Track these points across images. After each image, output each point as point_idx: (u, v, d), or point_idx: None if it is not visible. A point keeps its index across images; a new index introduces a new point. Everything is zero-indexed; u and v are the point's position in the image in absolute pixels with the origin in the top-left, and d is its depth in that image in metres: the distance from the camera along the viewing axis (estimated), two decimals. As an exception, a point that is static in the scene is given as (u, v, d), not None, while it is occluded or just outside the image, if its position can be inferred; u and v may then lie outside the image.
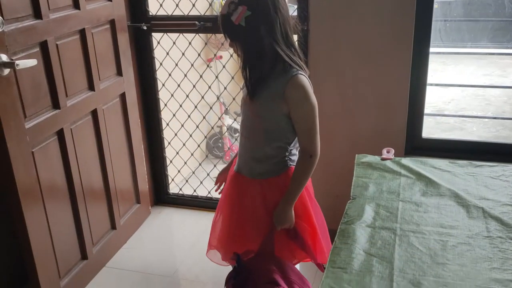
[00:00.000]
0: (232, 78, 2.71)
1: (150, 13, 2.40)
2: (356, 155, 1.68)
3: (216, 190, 1.71)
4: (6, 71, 1.53)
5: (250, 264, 1.44)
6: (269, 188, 1.48)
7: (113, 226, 2.23)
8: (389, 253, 1.20)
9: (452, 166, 1.60)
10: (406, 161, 1.61)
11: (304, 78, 1.36)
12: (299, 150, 1.45)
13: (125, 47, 2.22)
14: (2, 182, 1.63)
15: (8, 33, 1.53)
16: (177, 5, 2.40)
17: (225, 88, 2.77)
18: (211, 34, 2.87)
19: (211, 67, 3.09)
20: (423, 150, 2.16)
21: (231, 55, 3.13)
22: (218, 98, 3.04)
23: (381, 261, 1.17)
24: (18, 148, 1.61)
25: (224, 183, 1.65)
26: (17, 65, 1.52)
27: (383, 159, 1.63)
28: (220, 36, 3.03)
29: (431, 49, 2.08)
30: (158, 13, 2.42)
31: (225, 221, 1.57)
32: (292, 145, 1.48)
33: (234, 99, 2.68)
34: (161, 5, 2.41)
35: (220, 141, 3.43)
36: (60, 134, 1.82)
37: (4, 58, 1.52)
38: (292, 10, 3.02)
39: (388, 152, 1.66)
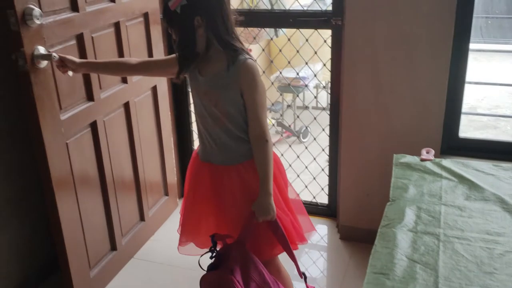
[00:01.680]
0: (263, 72, 2.67)
1: (182, 6, 2.37)
2: (394, 155, 1.62)
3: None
4: (44, 63, 1.53)
5: (222, 250, 1.46)
6: (246, 172, 1.47)
7: (142, 218, 2.24)
8: (433, 260, 1.15)
9: (495, 169, 1.54)
10: (447, 162, 1.56)
11: (253, 62, 1.40)
12: (253, 138, 1.43)
13: (157, 40, 2.21)
14: (38, 172, 1.64)
15: (46, 26, 1.53)
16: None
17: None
18: (242, 28, 2.83)
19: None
20: (460, 150, 2.09)
21: (263, 49, 3.09)
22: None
23: (425, 268, 1.13)
24: (53, 139, 1.62)
25: (66, 68, 1.57)
26: (54, 57, 1.51)
27: (422, 160, 1.58)
28: (251, 29, 3.00)
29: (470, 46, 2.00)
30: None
31: (208, 214, 1.55)
32: None
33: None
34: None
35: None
36: (93, 126, 1.83)
37: (42, 50, 1.52)
38: (327, 5, 2.96)
39: (427, 152, 1.60)
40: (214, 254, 1.46)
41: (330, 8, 2.19)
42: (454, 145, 2.11)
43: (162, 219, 2.43)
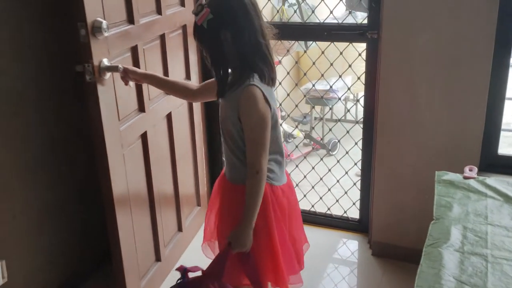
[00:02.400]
0: (296, 85, 2.68)
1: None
2: (436, 172, 1.60)
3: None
4: (108, 74, 1.54)
5: (194, 282, 1.40)
6: (238, 195, 1.43)
7: (180, 228, 2.25)
8: (482, 281, 1.13)
9: (541, 189, 1.49)
10: (491, 181, 1.52)
11: (256, 89, 1.33)
12: (247, 166, 1.38)
13: (193, 51, 2.24)
14: (100, 184, 1.64)
15: (109, 38, 1.55)
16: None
17: (288, 95, 2.75)
18: (277, 40, 2.84)
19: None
20: (499, 168, 2.05)
21: (296, 62, 3.11)
22: (280, 104, 3.02)
23: (474, 290, 1.10)
24: (114, 150, 1.62)
25: (128, 79, 1.60)
26: (119, 68, 1.52)
27: (465, 178, 1.55)
28: (285, 42, 3.02)
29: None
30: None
31: (215, 217, 1.60)
32: None
33: (296, 106, 2.66)
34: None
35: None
36: (144, 137, 1.83)
37: (106, 62, 1.53)
38: (363, 18, 2.96)
39: (470, 170, 1.57)
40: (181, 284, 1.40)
41: (361, 21, 2.19)
42: (493, 163, 2.07)
43: (195, 229, 2.45)
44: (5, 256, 1.69)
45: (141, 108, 1.80)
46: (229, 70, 1.41)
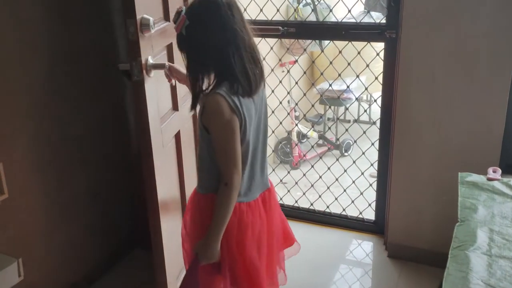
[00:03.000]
0: (313, 84, 2.66)
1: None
2: (459, 173, 1.57)
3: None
4: (153, 72, 1.50)
5: None
6: (198, 202, 1.41)
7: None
8: (511, 286, 1.10)
9: None
10: (516, 183, 1.50)
11: (220, 97, 1.26)
12: (220, 177, 1.32)
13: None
14: (144, 185, 1.61)
15: (152, 35, 1.50)
16: (261, 10, 2.39)
17: (304, 94, 2.73)
18: (293, 40, 2.83)
19: (283, 71, 3.06)
20: (519, 170, 2.01)
21: (313, 62, 3.08)
22: (296, 104, 3.01)
23: (503, 294, 1.08)
24: (158, 150, 1.57)
25: (171, 77, 1.57)
26: (166, 66, 1.48)
27: (489, 179, 1.52)
28: (301, 41, 3.00)
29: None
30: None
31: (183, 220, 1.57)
32: None
33: (313, 106, 2.64)
34: (245, 10, 2.40)
35: (288, 146, 3.40)
36: (177, 136, 1.80)
37: (151, 60, 1.49)
38: (378, 18, 2.93)
39: (494, 171, 1.55)
40: None
41: (377, 21, 2.17)
42: (513, 164, 2.03)
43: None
44: (22, 254, 1.69)
45: (175, 106, 1.75)
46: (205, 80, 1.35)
